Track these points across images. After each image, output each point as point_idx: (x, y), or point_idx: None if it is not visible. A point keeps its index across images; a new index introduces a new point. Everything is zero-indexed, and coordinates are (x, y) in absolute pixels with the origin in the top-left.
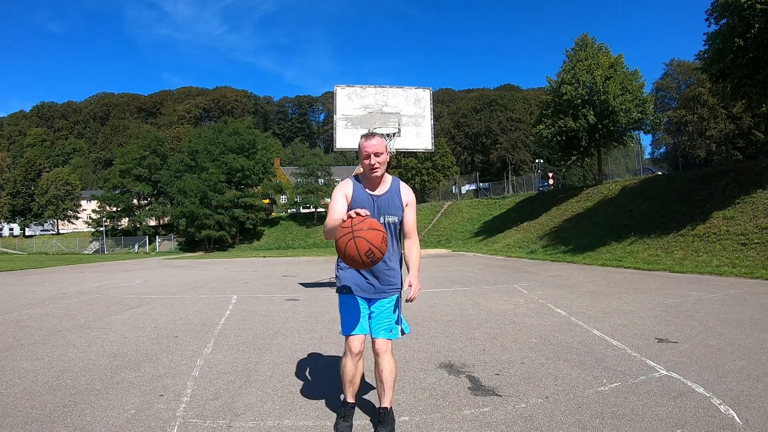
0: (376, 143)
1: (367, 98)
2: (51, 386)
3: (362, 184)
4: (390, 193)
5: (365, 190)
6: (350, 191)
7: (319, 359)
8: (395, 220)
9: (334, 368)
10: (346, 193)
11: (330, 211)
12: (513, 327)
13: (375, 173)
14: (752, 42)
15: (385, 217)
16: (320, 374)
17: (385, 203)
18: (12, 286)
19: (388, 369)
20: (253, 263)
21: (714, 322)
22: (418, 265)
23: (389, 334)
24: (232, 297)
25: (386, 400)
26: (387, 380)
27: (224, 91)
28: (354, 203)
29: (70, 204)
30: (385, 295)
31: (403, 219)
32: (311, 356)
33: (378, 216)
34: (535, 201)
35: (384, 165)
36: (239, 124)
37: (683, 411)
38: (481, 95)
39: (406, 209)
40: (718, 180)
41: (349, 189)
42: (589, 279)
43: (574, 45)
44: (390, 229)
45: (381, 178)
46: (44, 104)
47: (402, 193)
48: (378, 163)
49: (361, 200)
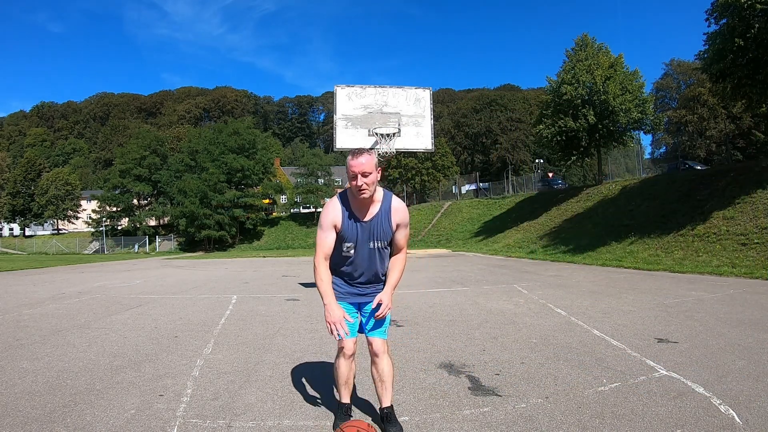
0: (365, 162)
1: (367, 98)
2: (51, 386)
3: (351, 204)
4: (379, 217)
5: (353, 214)
6: (339, 219)
7: (319, 359)
8: (385, 244)
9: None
10: (335, 223)
11: (319, 244)
12: (513, 327)
13: (363, 195)
14: (752, 42)
15: (374, 242)
16: (320, 374)
17: (375, 228)
18: (12, 286)
19: (387, 368)
20: (253, 263)
21: (714, 322)
22: (396, 282)
23: (384, 334)
24: (232, 297)
25: (387, 399)
26: (387, 379)
27: (224, 91)
28: (343, 233)
29: (70, 204)
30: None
31: (393, 239)
32: (311, 356)
33: (368, 240)
34: (535, 201)
35: (373, 186)
36: (239, 124)
37: (683, 411)
38: (481, 95)
39: (398, 231)
40: (718, 180)
41: (338, 216)
42: (589, 279)
43: (574, 45)
44: (380, 253)
45: (370, 200)
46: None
47: (392, 214)
48: (366, 185)
49: (350, 230)
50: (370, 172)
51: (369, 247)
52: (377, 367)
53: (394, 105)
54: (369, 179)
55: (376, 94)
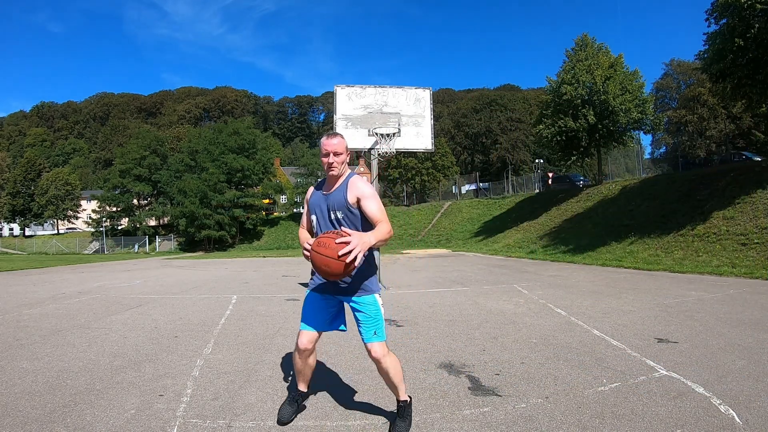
0: (336, 143)
1: (367, 98)
2: (51, 386)
3: (323, 188)
4: (337, 191)
5: (321, 192)
6: (309, 196)
7: (319, 359)
8: (342, 216)
9: (334, 368)
10: (307, 199)
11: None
12: (513, 327)
13: (331, 171)
14: (752, 42)
15: (334, 213)
16: (320, 374)
17: (334, 198)
18: (12, 286)
19: (393, 369)
20: (253, 263)
21: (714, 322)
22: (376, 235)
23: (374, 336)
24: (232, 297)
25: (400, 393)
26: (394, 379)
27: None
28: (310, 205)
29: (70, 204)
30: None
31: (362, 213)
32: None
33: (328, 211)
34: (535, 201)
35: (342, 165)
36: (239, 124)
37: (683, 411)
38: (481, 95)
39: (362, 203)
40: (718, 180)
41: (309, 194)
42: (589, 279)
43: (574, 45)
44: (336, 225)
45: (337, 178)
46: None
47: (349, 187)
48: (336, 162)
49: (316, 202)
50: (341, 152)
51: (330, 218)
52: (381, 371)
53: (394, 105)
54: (339, 158)
55: (376, 94)
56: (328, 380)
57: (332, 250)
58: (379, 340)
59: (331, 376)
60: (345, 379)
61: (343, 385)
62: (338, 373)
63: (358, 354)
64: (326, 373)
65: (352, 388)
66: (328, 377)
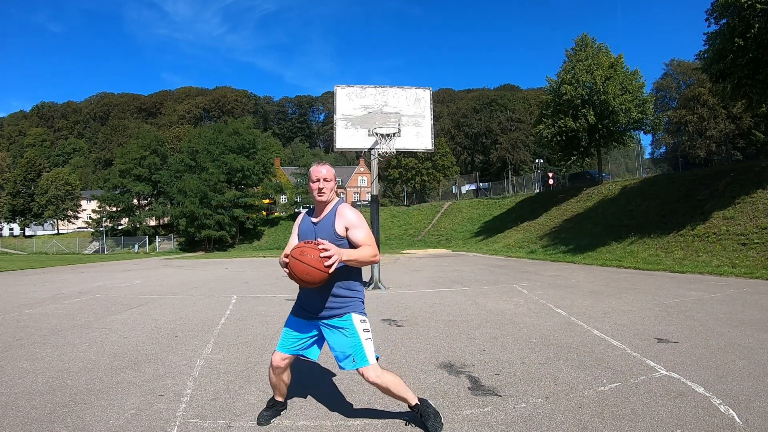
0: (326, 171)
1: (367, 98)
2: (51, 386)
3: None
4: (326, 219)
5: (311, 219)
6: (299, 222)
7: (319, 359)
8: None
9: (334, 368)
10: (297, 223)
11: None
12: (513, 327)
13: (320, 197)
14: (752, 42)
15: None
16: (320, 374)
17: (321, 229)
18: (12, 286)
19: (392, 386)
20: (253, 263)
21: (714, 322)
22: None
23: (353, 363)
24: (232, 297)
25: (410, 401)
26: (397, 393)
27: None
28: (300, 232)
29: (70, 204)
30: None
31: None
32: None
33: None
34: (535, 201)
35: (330, 191)
36: (239, 124)
37: (683, 411)
38: (481, 95)
39: (350, 232)
40: (718, 180)
41: (299, 221)
42: (589, 279)
43: (574, 45)
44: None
45: (325, 204)
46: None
47: (337, 217)
48: (326, 188)
49: (306, 230)
50: (329, 179)
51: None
52: (382, 391)
53: (394, 105)
54: (328, 185)
55: (376, 94)
56: (328, 380)
57: (313, 259)
58: (364, 365)
59: (331, 376)
60: (345, 379)
61: (343, 385)
62: (338, 373)
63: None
64: (326, 372)
65: (352, 388)
66: (328, 377)
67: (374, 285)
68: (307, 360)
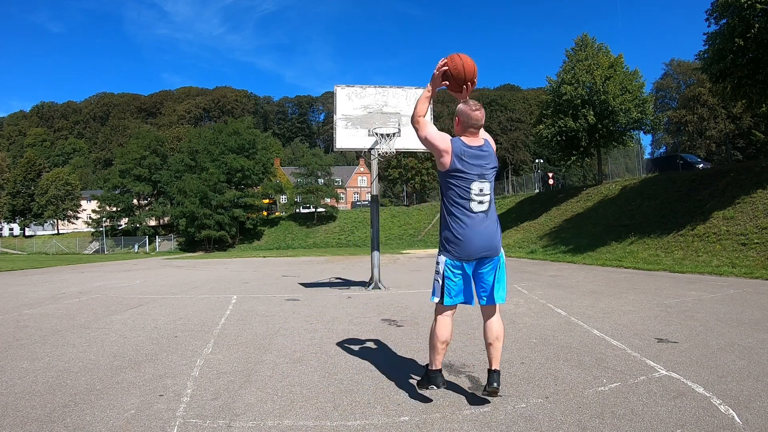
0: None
1: (367, 98)
2: (51, 386)
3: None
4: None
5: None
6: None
7: (319, 359)
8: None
9: (334, 368)
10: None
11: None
12: (513, 327)
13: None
14: (752, 42)
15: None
16: (320, 374)
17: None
18: (12, 286)
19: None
20: (253, 263)
21: (714, 322)
22: None
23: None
24: (232, 297)
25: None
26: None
27: (224, 91)
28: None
29: (70, 204)
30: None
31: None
32: (311, 356)
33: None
34: (535, 201)
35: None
36: (239, 124)
37: (683, 411)
38: (481, 95)
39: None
40: (718, 180)
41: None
42: (589, 279)
43: (574, 45)
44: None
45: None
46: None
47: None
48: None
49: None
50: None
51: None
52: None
53: (394, 105)
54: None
55: (376, 94)
56: (328, 380)
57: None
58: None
59: (331, 376)
60: (345, 379)
61: (343, 385)
62: (338, 372)
63: (359, 354)
64: (326, 372)
65: (352, 388)
66: (328, 377)
67: (374, 285)
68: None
